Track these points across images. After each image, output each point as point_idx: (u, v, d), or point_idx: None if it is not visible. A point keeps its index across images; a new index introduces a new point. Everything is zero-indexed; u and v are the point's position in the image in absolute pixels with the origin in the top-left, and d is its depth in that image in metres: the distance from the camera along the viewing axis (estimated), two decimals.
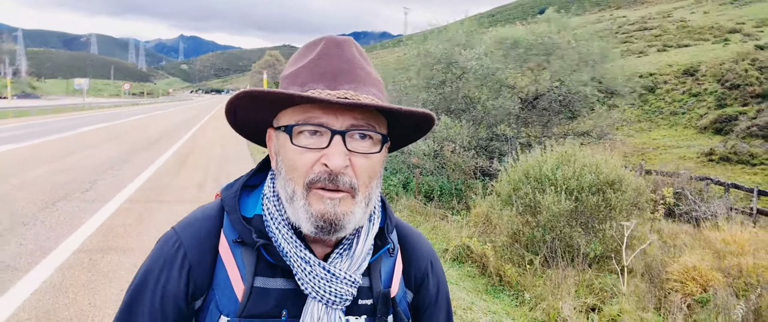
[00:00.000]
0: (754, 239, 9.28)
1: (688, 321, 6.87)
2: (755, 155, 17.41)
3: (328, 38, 0.99)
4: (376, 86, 0.98)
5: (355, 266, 0.98)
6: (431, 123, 1.00)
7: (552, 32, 14.41)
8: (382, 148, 0.96)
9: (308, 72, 0.95)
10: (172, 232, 1.01)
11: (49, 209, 7.35)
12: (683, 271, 7.68)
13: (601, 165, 9.37)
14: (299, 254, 0.94)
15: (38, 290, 4.44)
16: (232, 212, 0.99)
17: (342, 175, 0.90)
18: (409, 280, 1.13)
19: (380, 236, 1.06)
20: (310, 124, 0.91)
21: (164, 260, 0.97)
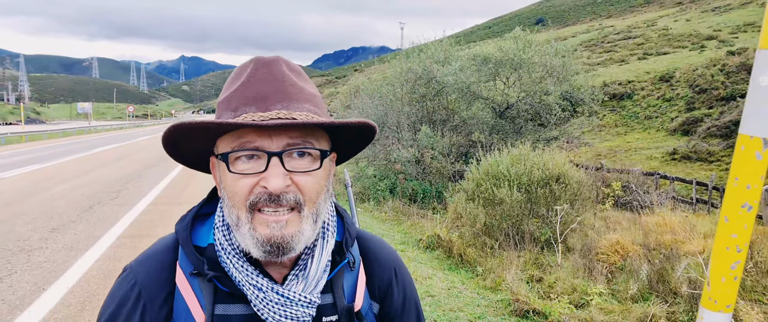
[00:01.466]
0: (683, 221, 10.91)
1: (608, 283, 8.50)
2: (713, 153, 19.05)
3: (257, 59, 0.98)
4: (311, 101, 0.97)
5: (310, 286, 0.97)
6: (372, 130, 1.00)
7: (518, 49, 16.10)
8: (322, 163, 0.95)
9: (239, 96, 0.94)
10: (127, 270, 1.01)
11: (88, 211, 9.03)
12: (609, 245, 9.32)
13: (548, 163, 11.08)
14: (251, 282, 0.94)
15: (100, 258, 6.12)
16: (185, 244, 0.99)
17: (284, 193, 0.90)
18: (373, 291, 1.12)
19: (338, 251, 1.05)
20: (245, 150, 0.91)
21: (120, 299, 0.97)
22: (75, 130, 46.57)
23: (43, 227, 7.75)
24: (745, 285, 7.26)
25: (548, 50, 16.45)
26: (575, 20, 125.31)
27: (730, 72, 26.85)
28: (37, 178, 13.43)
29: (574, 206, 10.96)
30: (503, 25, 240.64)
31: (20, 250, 6.50)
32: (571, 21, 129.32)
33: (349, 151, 1.10)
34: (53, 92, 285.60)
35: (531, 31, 18.95)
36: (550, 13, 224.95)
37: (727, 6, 53.81)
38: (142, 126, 76.76)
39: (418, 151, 16.44)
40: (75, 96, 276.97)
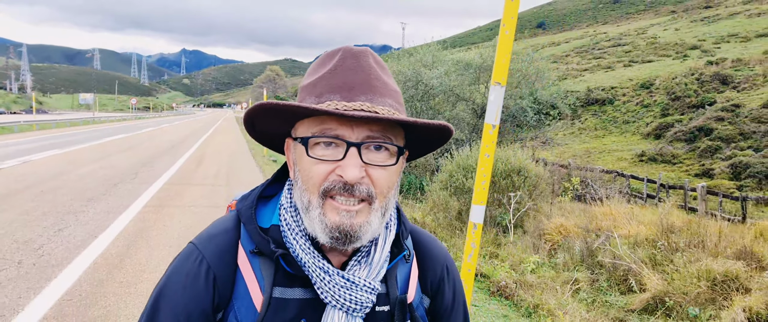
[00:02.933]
0: (627, 211, 12.58)
1: (548, 257, 10.16)
2: (676, 156, 20.73)
3: (346, 49, 0.99)
4: (393, 97, 0.99)
5: (373, 273, 0.99)
6: (449, 133, 1.01)
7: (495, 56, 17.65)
8: (398, 159, 0.97)
9: (325, 83, 0.95)
10: (192, 247, 1.02)
11: (113, 188, 10.68)
12: (555, 228, 10.98)
13: (510, 158, 12.79)
14: (317, 264, 0.95)
15: (133, 219, 7.78)
16: (249, 222, 1.01)
17: (358, 184, 0.91)
18: (425, 285, 1.13)
19: (396, 243, 1.07)
20: (325, 136, 0.92)
21: (187, 275, 0.98)
22: (81, 120, 48.20)
23: (80, 198, 9.40)
24: (656, 259, 8.90)
25: (524, 58, 18.07)
26: (576, 24, 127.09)
27: (704, 81, 28.53)
28: (61, 161, 15.08)
29: (532, 195, 12.66)
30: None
31: (67, 212, 8.15)
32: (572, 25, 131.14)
33: (421, 150, 1.10)
34: (55, 82, 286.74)
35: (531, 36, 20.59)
36: (552, 16, 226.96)
37: (716, 16, 55.54)
38: (143, 118, 78.45)
39: None
40: (76, 87, 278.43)
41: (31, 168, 13.21)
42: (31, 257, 5.74)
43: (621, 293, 8.29)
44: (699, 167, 19.36)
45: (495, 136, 3.12)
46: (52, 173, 12.51)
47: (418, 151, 1.11)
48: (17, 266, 5.44)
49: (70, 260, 5.71)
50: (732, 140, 20.33)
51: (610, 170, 16.46)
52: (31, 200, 9.00)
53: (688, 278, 7.74)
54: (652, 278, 7.90)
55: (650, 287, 7.76)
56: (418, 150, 1.10)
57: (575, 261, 9.52)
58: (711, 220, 11.73)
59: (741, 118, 21.58)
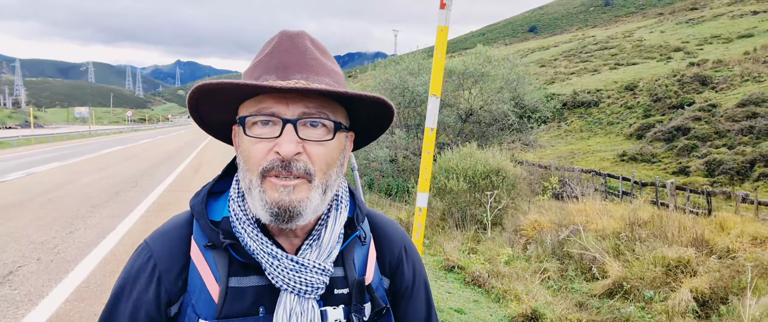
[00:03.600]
0: (601, 208, 13.34)
1: (523, 251, 10.89)
2: (655, 155, 21.56)
3: (282, 32, 1.02)
4: (331, 76, 1.00)
5: (324, 254, 1.00)
6: (387, 108, 1.02)
7: (479, 63, 18.52)
8: (335, 135, 0.97)
9: (263, 66, 0.98)
10: (143, 244, 1.05)
11: (116, 196, 11.40)
12: (530, 223, 11.74)
13: (490, 159, 13.57)
14: (265, 250, 0.97)
15: (136, 222, 8.52)
16: (200, 217, 1.02)
17: (295, 161, 0.92)
18: (384, 266, 1.15)
19: (350, 225, 1.08)
20: (261, 115, 0.94)
21: (136, 271, 1.01)
22: (78, 134, 48.84)
23: (85, 204, 10.13)
24: (619, 249, 9.63)
25: (505, 65, 18.87)
26: (566, 28, 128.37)
27: (684, 82, 29.42)
28: (64, 172, 15.79)
29: (510, 194, 13.44)
30: (497, 32, 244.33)
31: (75, 218, 8.88)
32: (563, 29, 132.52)
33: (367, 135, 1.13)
34: (49, 96, 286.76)
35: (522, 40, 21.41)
36: (543, 20, 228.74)
37: (701, 18, 56.61)
38: (139, 130, 79.09)
39: (393, 152, 18.86)
40: (71, 100, 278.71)
41: (36, 179, 13.92)
42: (49, 255, 6.46)
43: (586, 280, 9.02)
44: (676, 165, 20.18)
45: (433, 138, 3.87)
46: (56, 183, 13.22)
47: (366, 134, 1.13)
48: (37, 262, 6.16)
49: (82, 256, 6.44)
50: (708, 139, 21.18)
51: (589, 170, 17.26)
52: (40, 207, 9.72)
53: (645, 264, 8.51)
54: (613, 265, 8.67)
55: (611, 273, 8.51)
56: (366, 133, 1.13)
57: (546, 253, 10.27)
58: (678, 213, 12.52)
59: (717, 118, 22.44)
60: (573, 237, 10.40)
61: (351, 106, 1.03)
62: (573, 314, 7.47)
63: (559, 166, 17.42)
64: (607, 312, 7.78)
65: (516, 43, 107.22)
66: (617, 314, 7.68)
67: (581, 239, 9.90)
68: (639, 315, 7.55)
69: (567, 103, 34.14)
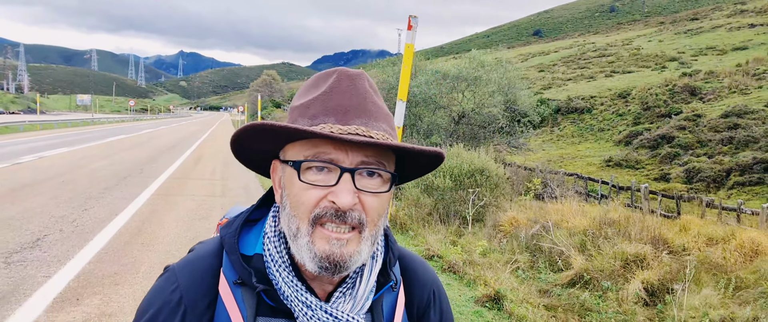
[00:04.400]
0: (577, 208, 14.20)
1: (499, 244, 11.75)
2: (639, 161, 22.44)
3: (341, 71, 0.99)
4: (387, 121, 0.98)
5: (357, 306, 0.98)
6: (440, 160, 1.00)
7: (472, 67, 19.37)
8: (391, 186, 0.96)
9: (319, 105, 0.94)
10: (170, 273, 1.01)
11: (124, 181, 12.27)
12: (508, 220, 12.60)
13: (474, 159, 14.46)
14: (300, 298, 0.94)
15: (145, 203, 9.39)
16: (232, 252, 0.99)
17: (350, 211, 0.90)
18: (411, 312, 1.13)
19: (383, 272, 1.05)
20: (319, 161, 0.91)
21: (161, 302, 0.98)
22: (81, 121, 49.72)
23: (97, 187, 11.00)
24: (585, 245, 10.44)
25: (498, 70, 19.72)
26: (569, 34, 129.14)
27: (675, 92, 30.28)
28: (73, 157, 16.66)
29: (493, 193, 14.32)
30: (501, 34, 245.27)
31: (89, 197, 9.75)
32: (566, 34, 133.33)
33: (410, 175, 1.10)
34: (52, 83, 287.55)
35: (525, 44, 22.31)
36: (548, 24, 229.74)
37: (699, 29, 57.48)
38: (141, 120, 79.98)
39: None
40: (73, 88, 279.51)
41: (48, 163, 14.79)
42: (70, 227, 7.34)
43: (553, 271, 9.91)
44: (658, 172, 21.05)
45: (400, 133, 4.72)
46: (67, 166, 14.09)
47: (407, 175, 1.10)
48: (60, 232, 7.03)
49: (99, 229, 7.31)
50: (690, 147, 22.05)
51: (572, 173, 18.11)
52: (55, 187, 10.59)
53: (606, 258, 9.41)
54: (577, 259, 9.55)
55: (575, 265, 9.40)
56: (407, 174, 1.10)
57: (520, 247, 11.15)
58: (647, 215, 13.37)
59: (700, 128, 23.30)
60: (545, 233, 11.27)
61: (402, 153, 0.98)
62: (534, 298, 8.36)
63: (542, 168, 18.25)
64: (566, 299, 8.66)
65: (519, 46, 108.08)
66: (575, 300, 8.58)
67: (552, 234, 10.76)
68: (594, 302, 8.44)
69: (561, 108, 35.00)
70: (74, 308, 4.43)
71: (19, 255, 5.86)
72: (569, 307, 8.52)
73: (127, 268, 5.64)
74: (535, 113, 21.39)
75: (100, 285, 5.04)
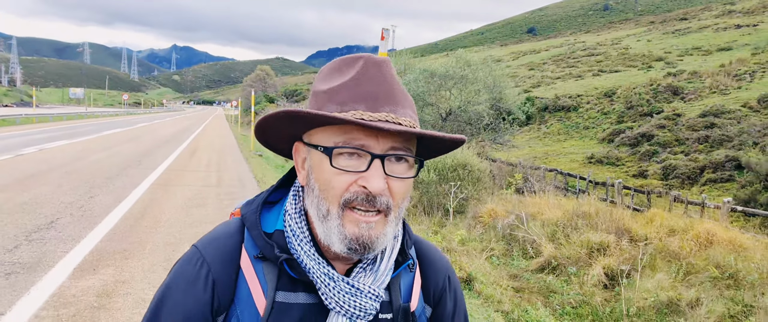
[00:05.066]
0: (554, 201, 14.99)
1: (477, 233, 12.51)
2: (620, 158, 23.29)
3: (368, 57, 1.00)
4: (412, 108, 1.00)
5: (378, 281, 1.01)
6: (461, 143, 1.03)
7: (458, 67, 20.12)
8: (417, 172, 0.99)
9: (348, 92, 0.96)
10: (194, 250, 1.04)
11: (123, 171, 12.95)
12: (487, 211, 13.37)
13: (457, 154, 15.24)
14: (322, 271, 0.97)
15: (146, 191, 10.11)
16: (253, 227, 1.02)
17: (380, 195, 0.93)
18: (427, 295, 1.16)
19: (401, 252, 1.08)
20: (350, 147, 0.93)
21: (188, 277, 1.00)
22: (76, 115, 50.20)
23: (99, 177, 11.69)
24: (556, 234, 11.20)
25: (484, 69, 20.49)
26: (561, 32, 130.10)
27: (658, 92, 31.16)
28: (73, 149, 17.31)
29: (475, 187, 15.11)
30: (496, 31, 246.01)
31: (93, 186, 10.44)
32: (558, 33, 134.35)
33: (425, 157, 1.10)
34: (44, 76, 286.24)
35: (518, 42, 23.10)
36: (543, 22, 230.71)
37: (687, 29, 58.46)
38: (134, 114, 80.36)
39: None
40: (65, 81, 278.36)
41: (49, 154, 15.45)
42: (78, 212, 8.04)
43: (525, 259, 10.71)
44: (637, 169, 21.90)
45: None
46: (68, 158, 14.76)
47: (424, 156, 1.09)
48: (71, 216, 7.74)
49: (106, 214, 8.02)
50: (668, 146, 22.91)
51: (552, 169, 18.92)
52: (60, 177, 11.27)
53: (573, 246, 10.21)
54: (547, 247, 10.35)
55: (545, 253, 10.19)
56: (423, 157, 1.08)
57: (497, 236, 11.93)
58: (619, 209, 14.18)
59: (679, 127, 24.17)
60: (520, 224, 12.06)
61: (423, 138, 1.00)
62: (504, 281, 9.15)
63: (524, 164, 19.04)
64: (534, 282, 9.46)
65: (512, 44, 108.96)
66: (542, 283, 9.38)
67: (525, 225, 11.54)
68: (559, 285, 9.23)
69: (549, 106, 35.84)
70: (92, 276, 5.16)
71: (38, 234, 6.57)
72: (536, 289, 9.34)
73: (134, 246, 6.36)
74: (520, 111, 22.17)
75: (112, 259, 5.76)
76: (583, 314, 8.22)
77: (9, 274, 5.07)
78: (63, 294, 4.65)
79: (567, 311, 8.32)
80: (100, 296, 4.67)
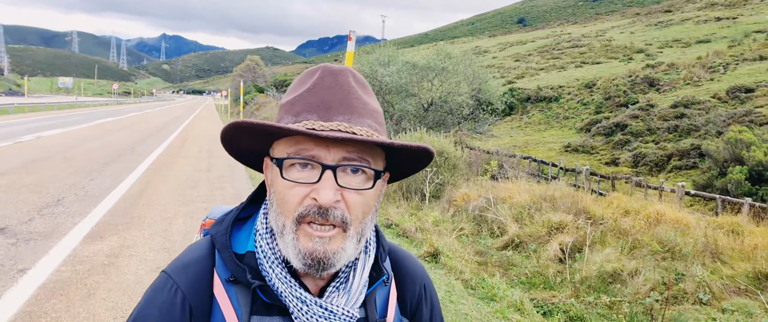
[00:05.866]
0: (526, 187, 15.93)
1: (451, 216, 13.45)
2: (595, 147, 24.33)
3: (325, 67, 0.99)
4: (373, 117, 0.98)
5: (352, 300, 0.99)
6: (430, 157, 1.00)
7: (439, 59, 20.99)
8: (375, 183, 0.95)
9: (303, 102, 0.95)
10: (165, 276, 1.00)
11: (118, 158, 13.77)
12: (460, 195, 14.30)
13: (434, 142, 16.16)
14: (294, 294, 0.95)
15: (142, 174, 10.96)
16: (224, 250, 1.00)
17: (333, 208, 0.90)
18: (404, 307, 1.14)
19: (375, 267, 1.06)
20: (300, 158, 0.91)
21: (162, 305, 0.96)
22: (67, 104, 50.65)
23: (96, 163, 12.50)
24: (521, 216, 12.11)
25: (464, 61, 21.37)
26: (549, 23, 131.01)
27: (635, 83, 32.21)
28: (68, 137, 18.07)
29: (452, 173, 16.05)
30: (486, 22, 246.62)
31: (91, 170, 11.27)
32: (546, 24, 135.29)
33: (404, 172, 1.09)
34: (32, 65, 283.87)
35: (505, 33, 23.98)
36: (533, 12, 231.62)
37: (670, 21, 59.63)
38: (124, 103, 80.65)
39: None
40: (53, 70, 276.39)
41: (47, 142, 16.22)
42: (81, 192, 8.89)
43: (492, 237, 11.66)
44: (610, 157, 22.95)
45: None
46: (65, 145, 15.54)
47: (400, 172, 1.09)
48: (75, 195, 8.59)
49: (106, 194, 8.87)
50: (640, 135, 23.98)
51: (527, 157, 19.90)
52: (59, 163, 12.08)
53: (535, 226, 11.18)
54: (512, 226, 11.31)
55: (510, 232, 11.15)
56: (400, 171, 1.09)
57: (468, 218, 12.87)
58: (579, 192, 15.16)
59: (651, 117, 25.23)
60: (489, 206, 13.00)
61: (391, 149, 0.98)
62: (470, 256, 10.12)
63: (500, 152, 19.96)
64: (497, 257, 10.42)
65: (500, 35, 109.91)
66: (504, 258, 10.34)
67: (493, 207, 12.49)
68: (520, 260, 10.19)
69: (531, 97, 36.83)
70: (101, 242, 6.03)
71: (48, 210, 7.43)
72: (498, 263, 10.32)
73: (134, 220, 7.23)
74: (500, 102, 23.11)
75: (116, 230, 6.64)
76: (536, 283, 9.18)
77: (28, 240, 5.94)
78: (77, 255, 5.53)
79: (522, 281, 9.29)
80: (109, 256, 5.55)
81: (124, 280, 4.90)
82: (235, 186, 10.70)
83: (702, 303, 8.30)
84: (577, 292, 8.50)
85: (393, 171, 1.08)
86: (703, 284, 8.56)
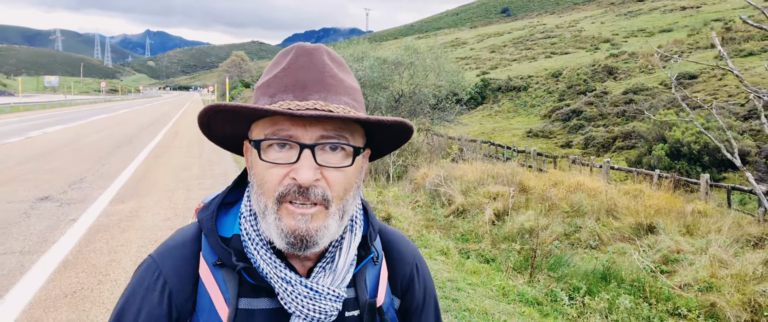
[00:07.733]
0: (480, 167, 18.10)
1: (409, 191, 15.61)
2: (553, 132, 26.62)
3: (299, 46, 0.98)
4: (350, 95, 0.97)
5: (338, 280, 0.98)
6: (408, 130, 1.00)
7: (407, 54, 23.08)
8: (354, 160, 0.95)
9: (278, 83, 0.95)
10: (150, 260, 1.02)
11: (118, 149, 15.78)
12: (420, 175, 16.47)
13: None
14: (279, 275, 0.95)
15: (140, 164, 13.02)
16: (210, 234, 1.01)
17: (313, 187, 0.90)
18: (395, 286, 1.14)
19: (363, 245, 1.05)
20: (277, 138, 0.91)
21: (144, 289, 0.99)
22: (59, 103, 52.28)
23: (101, 153, 14.52)
24: (468, 189, 14.28)
25: (430, 56, 23.48)
26: (527, 14, 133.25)
27: (596, 72, 34.53)
28: (71, 133, 20.03)
29: (414, 156, 18.23)
30: (470, 12, 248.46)
31: (98, 159, 13.30)
32: (533, 12, 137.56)
33: (384, 148, 1.09)
34: (15, 64, 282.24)
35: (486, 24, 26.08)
36: (516, 2, 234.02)
37: (638, 11, 62.08)
38: (113, 101, 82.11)
39: None
40: (38, 69, 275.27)
41: (52, 137, 18.18)
42: (98, 173, 10.96)
43: (442, 208, 13.80)
44: (565, 140, 25.24)
45: None
46: (69, 139, 17.53)
47: (381, 149, 1.09)
48: (93, 175, 10.65)
49: (117, 175, 10.95)
50: (593, 120, 26.28)
51: (486, 141, 22.15)
52: (70, 153, 14.09)
53: (478, 197, 13.38)
54: (459, 198, 13.50)
55: (456, 203, 13.33)
56: (381, 148, 1.09)
57: (425, 193, 15.02)
58: (524, 170, 17.35)
59: (604, 103, 27.55)
60: (442, 183, 15.13)
61: (370, 126, 0.99)
62: (419, 221, 12.28)
63: (462, 138, 22.09)
64: (443, 222, 12.58)
65: (480, 26, 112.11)
66: (448, 222, 12.52)
67: (445, 183, 14.66)
68: (461, 224, 12.35)
69: (502, 87, 39.06)
70: (123, 204, 8.14)
71: (76, 185, 9.52)
72: (442, 226, 12.51)
73: (142, 192, 9.33)
74: (465, 93, 25.26)
75: (131, 198, 8.74)
76: (467, 239, 11.37)
77: (70, 203, 8.05)
78: (107, 212, 7.64)
79: (457, 238, 11.47)
80: (131, 212, 7.67)
81: (145, 224, 7.03)
82: (223, 167, 12.76)
83: (591, 247, 10.62)
84: (494, 242, 10.72)
85: (375, 148, 1.09)
86: (594, 232, 10.88)
